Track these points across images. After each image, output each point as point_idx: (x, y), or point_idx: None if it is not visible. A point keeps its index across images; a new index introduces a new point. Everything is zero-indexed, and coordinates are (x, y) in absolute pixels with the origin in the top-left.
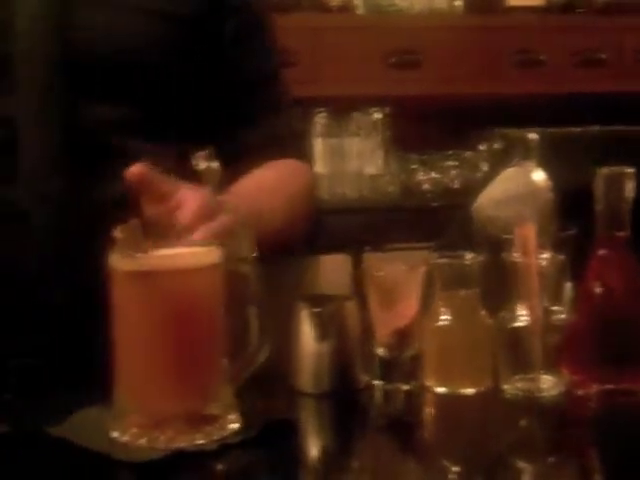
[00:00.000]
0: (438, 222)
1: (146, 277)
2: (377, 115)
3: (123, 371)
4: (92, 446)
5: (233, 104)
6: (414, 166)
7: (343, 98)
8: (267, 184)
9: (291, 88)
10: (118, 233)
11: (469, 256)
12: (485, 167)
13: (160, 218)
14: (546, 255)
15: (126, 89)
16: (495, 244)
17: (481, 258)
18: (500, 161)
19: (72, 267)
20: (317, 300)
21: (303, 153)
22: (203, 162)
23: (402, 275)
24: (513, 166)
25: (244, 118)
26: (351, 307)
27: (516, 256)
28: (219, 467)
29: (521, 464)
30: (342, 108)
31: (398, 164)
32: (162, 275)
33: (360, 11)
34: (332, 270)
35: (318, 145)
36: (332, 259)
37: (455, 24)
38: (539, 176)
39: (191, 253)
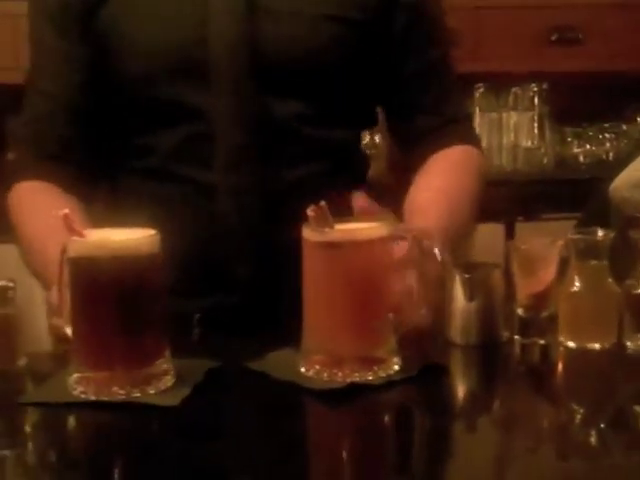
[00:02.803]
0: (590, 194)
1: (332, 247)
2: (535, 90)
3: (311, 320)
4: (285, 378)
5: (401, 92)
6: (569, 139)
7: (503, 74)
8: (453, 193)
9: (456, 73)
10: (310, 212)
11: (600, 232)
12: None
13: None
14: None
15: (306, 87)
16: (629, 220)
17: (611, 234)
18: None
19: (261, 243)
20: (468, 267)
21: (472, 136)
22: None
23: (542, 247)
24: None
25: (412, 105)
26: (497, 274)
27: None
28: (384, 398)
29: (639, 409)
30: (501, 83)
31: (553, 137)
32: (344, 245)
33: None
34: (487, 238)
35: (476, 119)
36: (487, 228)
37: (617, 2)
38: None
39: (367, 228)
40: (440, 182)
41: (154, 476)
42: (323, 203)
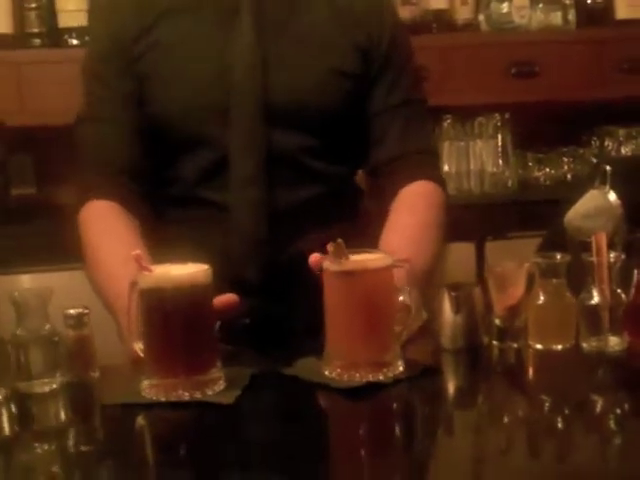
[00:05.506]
0: (552, 214)
1: (347, 275)
2: (498, 120)
3: (332, 333)
4: (313, 379)
5: (368, 131)
6: (531, 163)
7: (468, 106)
8: (417, 236)
9: (427, 119)
10: (329, 247)
11: (559, 256)
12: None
13: None
14: (614, 255)
15: (308, 127)
16: (582, 245)
17: (567, 257)
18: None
19: (268, 253)
20: (454, 286)
21: (437, 174)
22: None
23: (513, 269)
24: (594, 189)
25: (376, 141)
26: (477, 291)
27: (591, 256)
28: (392, 392)
29: (594, 397)
30: (467, 114)
31: (516, 162)
32: (358, 273)
33: (483, 28)
34: (459, 256)
35: (446, 147)
36: (459, 247)
37: (569, 38)
38: (612, 197)
39: (375, 259)
40: (407, 227)
41: (215, 457)
42: (340, 240)
